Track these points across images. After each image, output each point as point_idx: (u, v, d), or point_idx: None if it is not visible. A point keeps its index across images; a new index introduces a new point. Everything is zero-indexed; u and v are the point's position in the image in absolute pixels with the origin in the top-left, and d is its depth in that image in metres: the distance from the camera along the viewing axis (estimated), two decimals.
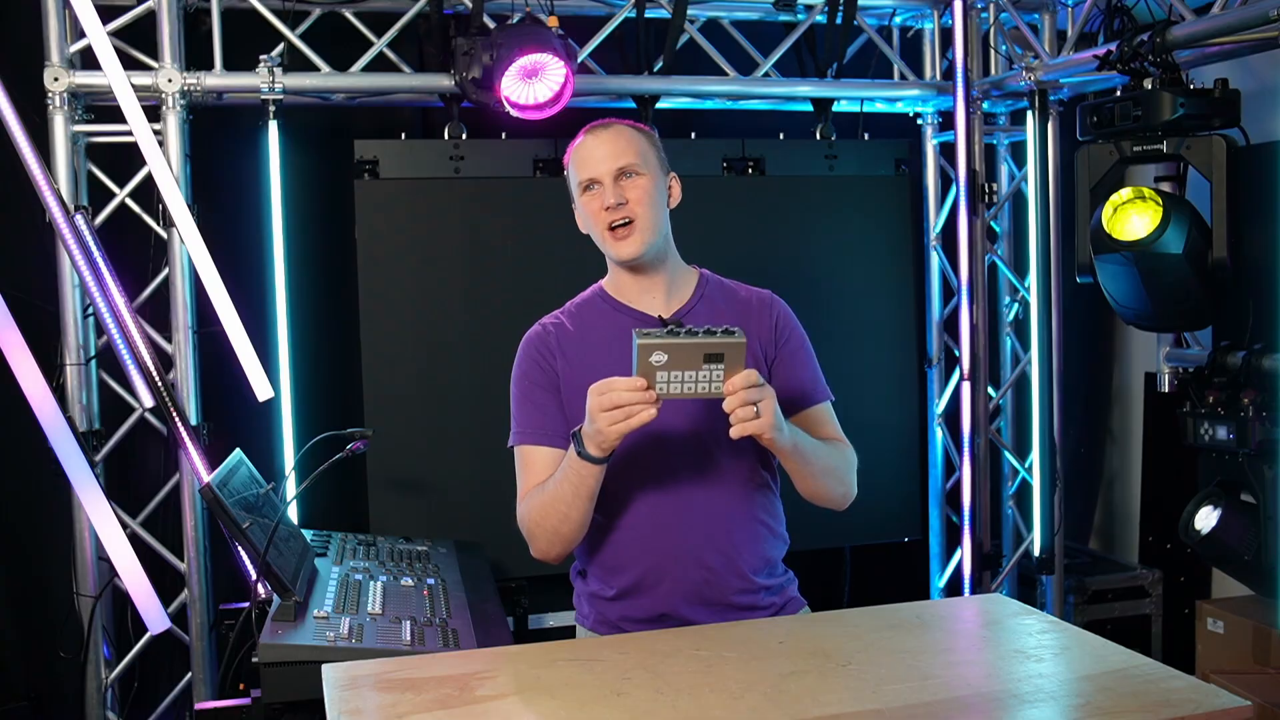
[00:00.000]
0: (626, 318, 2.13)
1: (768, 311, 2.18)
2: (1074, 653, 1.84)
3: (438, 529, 3.43)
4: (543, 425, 2.10)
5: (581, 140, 2.12)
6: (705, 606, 2.09)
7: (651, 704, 1.65)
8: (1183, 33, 3.13)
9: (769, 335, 2.16)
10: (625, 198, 2.05)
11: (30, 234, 3.46)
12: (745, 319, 2.14)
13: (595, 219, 2.08)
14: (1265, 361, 3.28)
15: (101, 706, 3.47)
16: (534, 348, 2.14)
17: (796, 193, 4.03)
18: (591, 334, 2.13)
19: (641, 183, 2.06)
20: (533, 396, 2.12)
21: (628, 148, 2.07)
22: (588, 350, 2.11)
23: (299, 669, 2.19)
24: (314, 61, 3.61)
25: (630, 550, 2.09)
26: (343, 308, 3.77)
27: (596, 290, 2.21)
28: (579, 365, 2.09)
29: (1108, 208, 3.14)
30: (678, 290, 2.16)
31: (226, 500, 2.44)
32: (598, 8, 3.89)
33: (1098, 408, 4.81)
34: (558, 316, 2.19)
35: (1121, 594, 4.25)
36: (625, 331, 2.04)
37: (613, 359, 2.05)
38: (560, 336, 2.14)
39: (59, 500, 3.40)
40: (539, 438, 2.10)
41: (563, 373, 2.10)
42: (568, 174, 2.15)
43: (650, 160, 2.10)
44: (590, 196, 2.08)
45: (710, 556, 2.08)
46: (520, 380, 2.14)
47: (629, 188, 2.06)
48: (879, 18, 4.23)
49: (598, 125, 2.12)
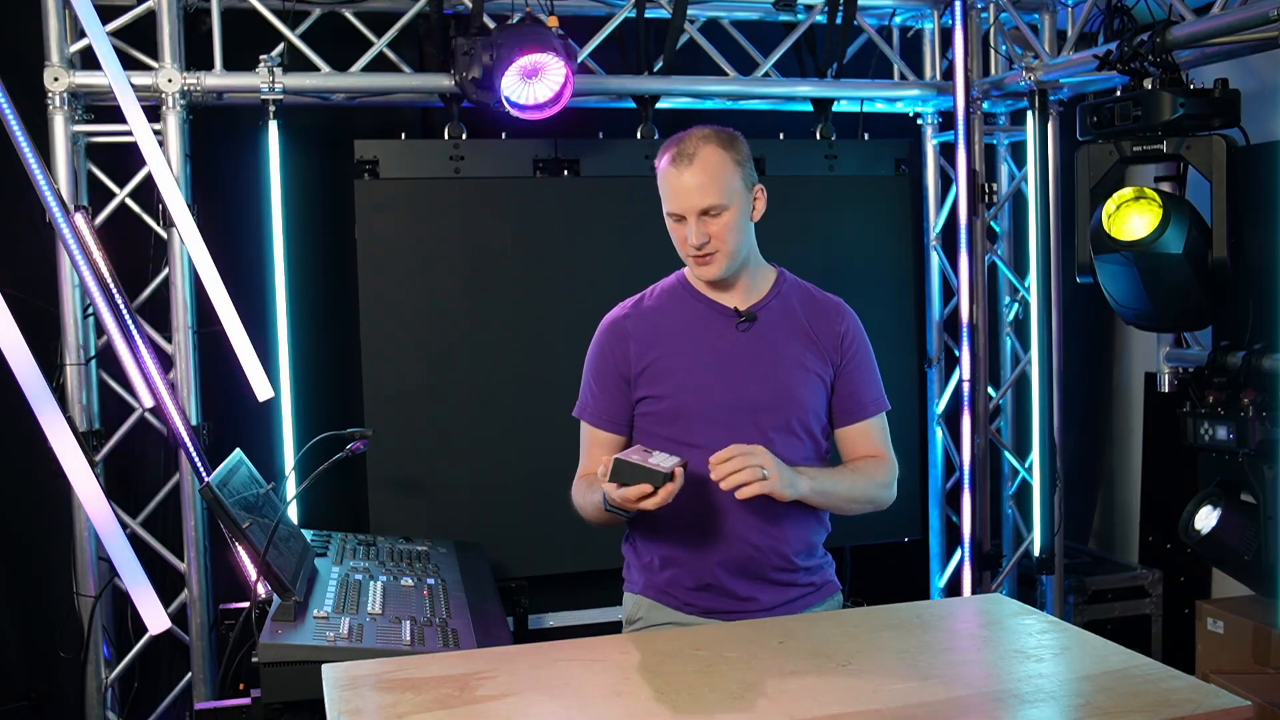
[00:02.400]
0: (703, 306, 2.24)
1: (838, 318, 2.28)
2: (1074, 653, 1.84)
3: (438, 529, 3.43)
4: (606, 410, 2.25)
5: (668, 169, 2.14)
6: (748, 579, 2.20)
7: (651, 704, 1.65)
8: (1183, 33, 3.13)
9: (835, 343, 2.26)
10: (708, 234, 2.13)
11: (30, 234, 3.46)
12: (815, 320, 2.26)
13: (680, 246, 2.18)
14: (1265, 361, 3.28)
15: (101, 706, 3.47)
16: (609, 331, 2.27)
17: (796, 193, 4.03)
18: (670, 317, 2.24)
19: (725, 218, 2.13)
20: (602, 380, 2.26)
21: (711, 185, 2.10)
22: (664, 333, 2.23)
23: (299, 669, 2.19)
24: (314, 61, 3.61)
25: (681, 530, 2.19)
26: (343, 308, 3.77)
27: (678, 277, 2.30)
28: (652, 346, 2.22)
29: (1108, 208, 3.14)
30: (756, 287, 2.26)
31: (226, 500, 2.44)
32: (598, 8, 3.88)
33: (1098, 408, 4.81)
34: (637, 300, 2.30)
35: (1121, 594, 4.25)
36: (700, 318, 2.22)
37: (684, 346, 2.20)
38: (636, 320, 2.26)
39: (59, 500, 3.40)
40: (600, 421, 2.26)
41: (635, 355, 2.22)
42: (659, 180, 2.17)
43: (734, 188, 2.13)
44: (676, 226, 2.17)
45: (756, 536, 2.18)
46: (593, 360, 2.29)
47: (712, 224, 2.13)
48: (879, 18, 4.23)
49: (683, 154, 2.11)
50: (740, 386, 2.17)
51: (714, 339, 2.20)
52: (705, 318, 2.22)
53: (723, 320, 2.21)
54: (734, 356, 2.19)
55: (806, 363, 2.22)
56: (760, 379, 2.18)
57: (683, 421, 2.17)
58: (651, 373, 2.20)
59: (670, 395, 2.19)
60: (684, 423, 2.17)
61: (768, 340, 2.21)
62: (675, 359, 2.19)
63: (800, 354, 2.22)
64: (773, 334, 2.22)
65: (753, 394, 2.17)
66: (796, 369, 2.21)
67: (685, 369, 2.19)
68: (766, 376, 2.19)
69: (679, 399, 2.18)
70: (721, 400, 2.17)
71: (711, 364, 2.18)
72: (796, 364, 2.21)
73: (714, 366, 2.18)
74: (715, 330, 2.21)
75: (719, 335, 2.20)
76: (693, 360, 2.19)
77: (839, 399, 2.26)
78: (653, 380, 2.20)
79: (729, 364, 2.18)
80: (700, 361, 2.19)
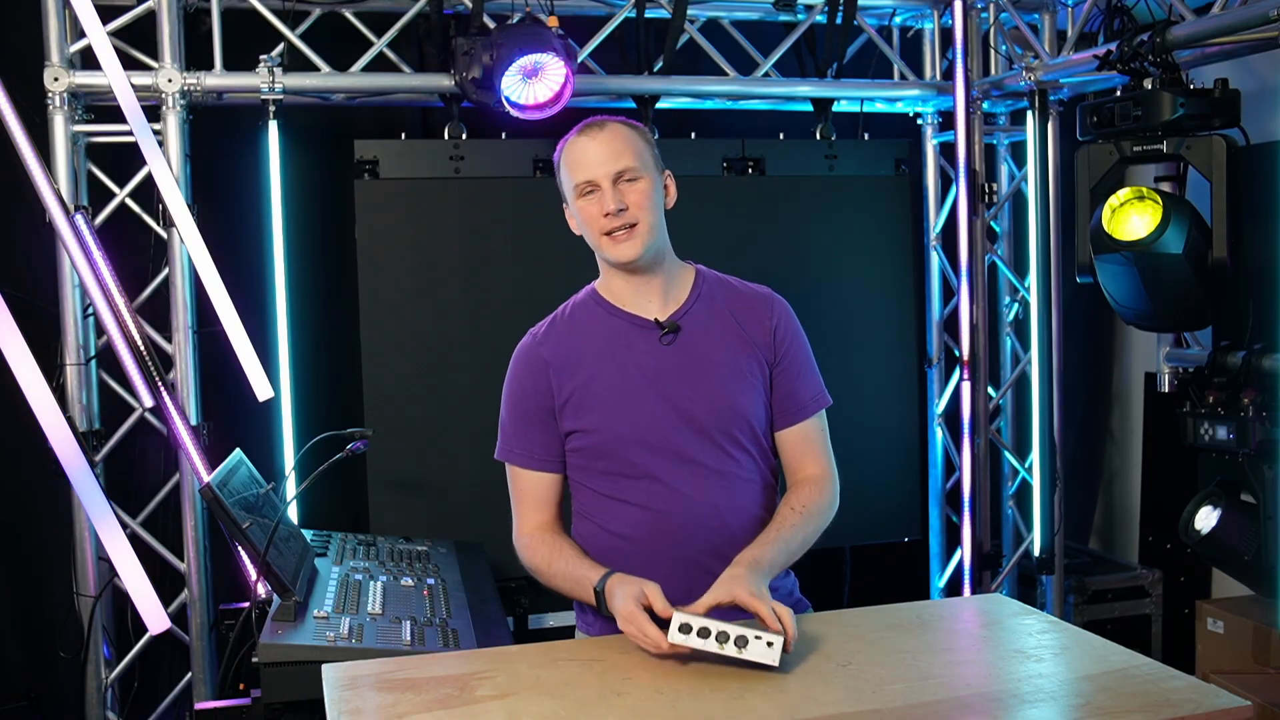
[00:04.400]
0: (622, 322, 2.09)
1: (767, 311, 2.13)
2: (1074, 653, 1.84)
3: (438, 529, 3.43)
4: (531, 448, 2.10)
5: (575, 140, 2.05)
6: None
7: (651, 704, 1.65)
8: (1183, 33, 3.13)
9: (768, 339, 2.12)
10: (625, 203, 2.00)
11: (30, 234, 3.46)
12: (744, 317, 2.12)
13: (592, 223, 2.03)
14: (1265, 361, 3.28)
15: (101, 706, 3.47)
16: (524, 363, 2.11)
17: (796, 193, 4.03)
18: (585, 339, 2.09)
19: (641, 186, 2.01)
20: (523, 415, 2.10)
21: (625, 149, 2.01)
22: (582, 358, 2.07)
23: (299, 669, 2.19)
24: (314, 61, 3.61)
25: (631, 559, 2.03)
26: (343, 308, 3.77)
27: (589, 293, 2.16)
28: (573, 374, 2.06)
29: (1108, 208, 3.14)
30: (674, 291, 2.11)
31: (226, 500, 2.44)
32: (598, 8, 3.89)
33: (1098, 408, 4.81)
34: (550, 323, 2.15)
35: (1121, 594, 4.25)
36: (620, 337, 2.06)
37: (608, 369, 2.04)
38: (553, 347, 2.10)
39: (59, 500, 3.40)
40: (527, 460, 2.11)
41: (556, 386, 2.07)
42: (559, 173, 2.09)
43: (647, 161, 2.04)
44: (588, 201, 2.02)
45: (714, 562, 2.01)
46: (511, 395, 2.13)
47: (628, 191, 2.01)
48: (879, 18, 4.23)
49: (592, 124, 2.04)
50: (674, 407, 2.03)
51: (638, 358, 2.05)
52: (625, 335, 2.06)
53: (644, 335, 2.06)
54: (663, 373, 2.04)
55: (742, 367, 2.08)
56: (695, 393, 2.04)
57: (619, 451, 2.04)
58: (576, 403, 2.04)
59: (601, 427, 2.04)
60: (621, 452, 2.04)
61: (697, 350, 2.06)
62: (599, 385, 2.02)
63: (734, 359, 2.08)
64: (701, 342, 2.07)
65: (689, 411, 2.03)
66: (732, 377, 2.07)
67: (613, 395, 2.03)
68: (701, 389, 2.04)
69: (611, 429, 2.03)
70: (657, 426, 2.02)
71: (640, 387, 2.03)
72: (732, 371, 2.07)
73: (643, 390, 2.03)
74: (638, 348, 2.05)
75: (643, 353, 2.05)
76: (620, 384, 2.03)
77: (776, 399, 2.11)
78: (579, 412, 2.04)
79: (659, 384, 2.03)
80: (627, 387, 2.03)
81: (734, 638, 1.70)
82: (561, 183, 2.09)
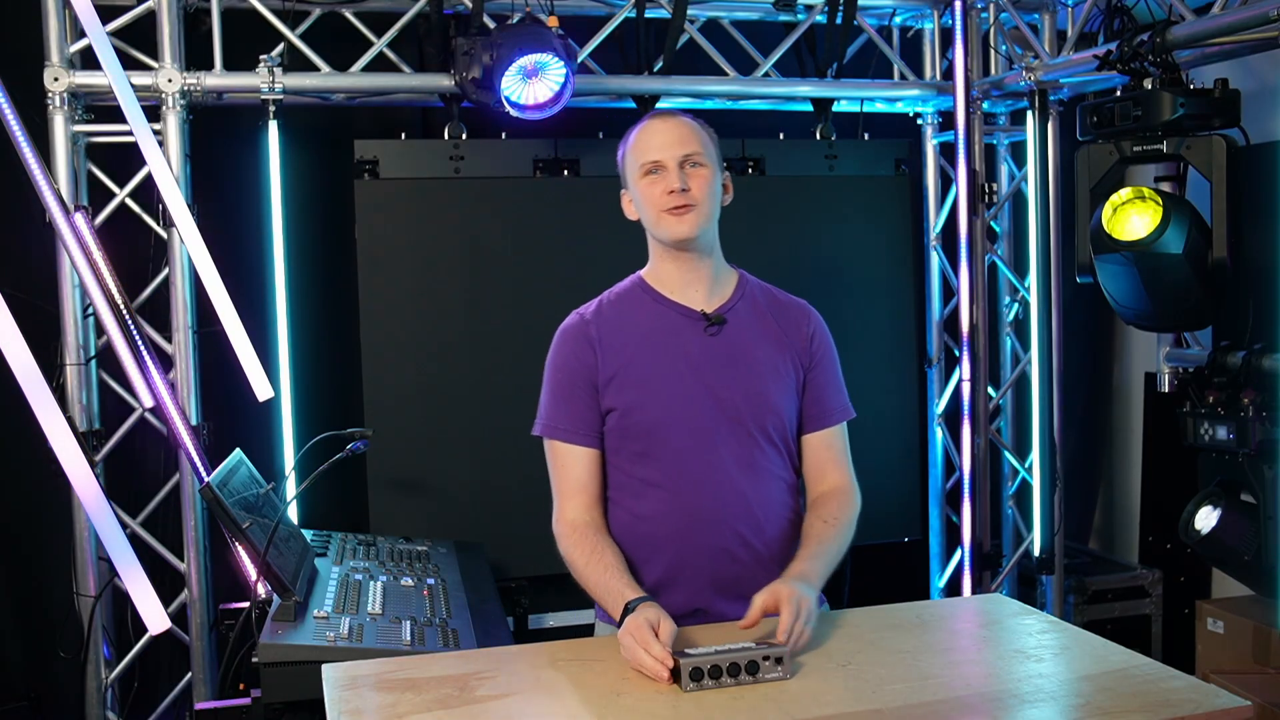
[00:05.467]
0: (668, 310, 2.14)
1: (805, 320, 2.22)
2: (1074, 653, 1.84)
3: (438, 529, 3.43)
4: (574, 423, 2.12)
5: (647, 125, 2.13)
6: (739, 599, 2.07)
7: (651, 704, 1.65)
8: (1183, 33, 3.13)
9: (804, 345, 2.19)
10: (689, 184, 2.07)
11: (30, 234, 3.46)
12: (783, 322, 2.20)
13: (653, 202, 2.09)
14: (1265, 361, 3.28)
15: (101, 706, 3.47)
16: (571, 338, 2.15)
17: (796, 193, 4.03)
18: (634, 323, 2.14)
19: (704, 173, 2.09)
20: (566, 391, 2.13)
21: (693, 137, 2.10)
22: (627, 339, 2.13)
23: (299, 669, 2.19)
24: (314, 61, 3.61)
25: (662, 543, 2.10)
26: (343, 308, 3.77)
27: (636, 281, 2.21)
28: (618, 353, 2.12)
29: (1108, 208, 3.14)
30: (720, 287, 2.17)
31: (226, 500, 2.44)
32: (598, 8, 3.88)
33: (1098, 408, 4.81)
34: (597, 305, 2.20)
35: (1121, 594, 4.25)
36: (666, 323, 2.12)
37: (652, 353, 2.10)
38: (599, 326, 2.15)
39: (59, 500, 3.40)
40: (569, 435, 2.12)
41: (601, 362, 2.11)
42: (622, 160, 2.16)
43: (712, 154, 2.12)
44: (652, 180, 2.09)
45: (740, 550, 2.10)
46: (555, 371, 2.16)
47: (693, 175, 2.08)
48: (879, 18, 4.23)
49: (663, 111, 2.15)
50: (713, 395, 2.09)
51: (682, 345, 2.12)
52: (672, 323, 2.13)
53: (690, 325, 2.13)
54: (705, 362, 2.11)
55: (779, 366, 2.15)
56: (733, 384, 2.11)
57: (654, 432, 2.09)
58: (620, 382, 2.10)
59: (641, 406, 2.09)
60: (655, 433, 2.09)
61: (738, 344, 2.13)
62: (644, 367, 2.09)
63: (771, 357, 2.15)
64: (742, 337, 2.14)
65: (727, 400, 2.10)
66: (769, 373, 2.14)
67: (655, 377, 2.10)
68: (740, 382, 2.11)
69: (651, 410, 2.09)
70: (694, 412, 2.09)
71: (681, 373, 2.10)
72: (769, 368, 2.14)
73: (684, 375, 2.10)
74: (683, 336, 2.12)
75: (687, 341, 2.12)
76: (663, 368, 2.10)
77: (806, 403, 2.19)
78: (621, 390, 2.09)
79: (699, 371, 2.10)
80: (669, 371, 2.10)
81: (744, 666, 1.72)
82: (624, 169, 2.17)
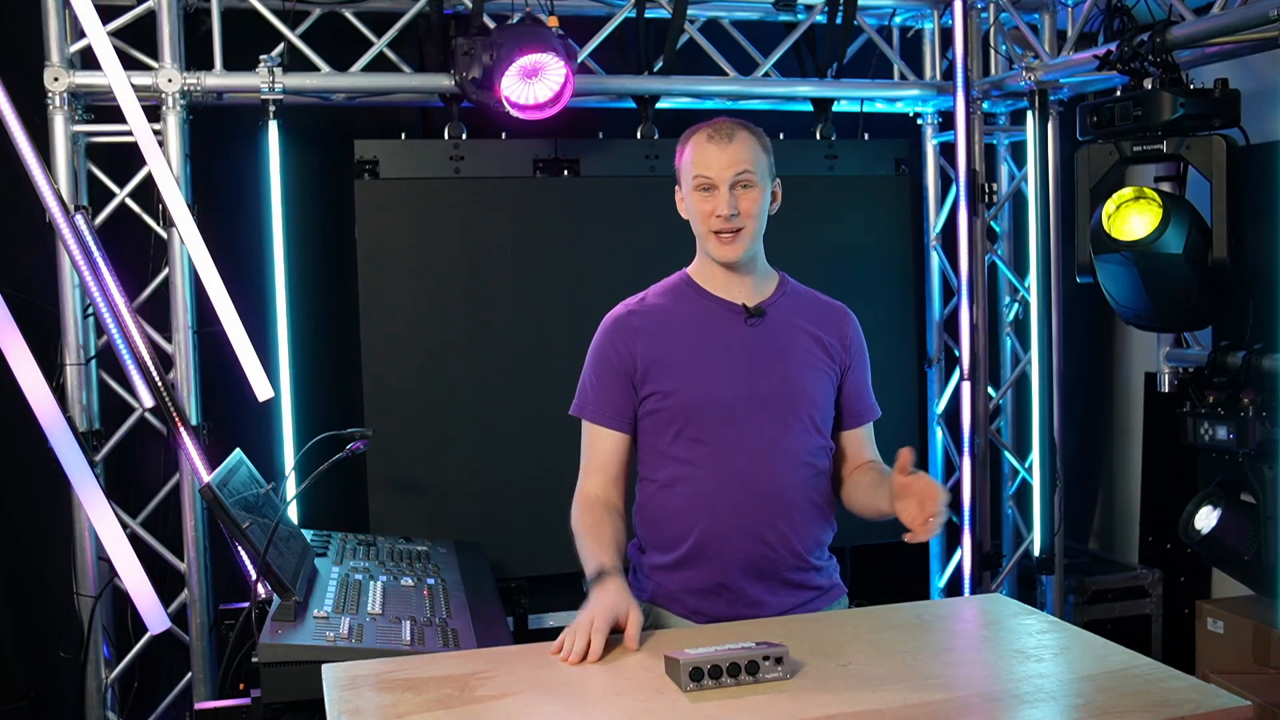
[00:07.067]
0: (712, 303, 2.22)
1: (844, 322, 2.30)
2: (1074, 653, 1.84)
3: (438, 529, 3.43)
4: (603, 406, 2.21)
5: (707, 136, 2.16)
6: (761, 580, 2.17)
7: (651, 704, 1.65)
8: (1183, 33, 3.13)
9: (842, 345, 2.27)
10: (738, 208, 2.13)
11: (30, 234, 3.46)
12: (823, 321, 2.26)
13: (703, 219, 2.16)
14: (1265, 361, 3.28)
15: (101, 706, 3.47)
16: (613, 328, 2.24)
17: (796, 193, 3.99)
18: (677, 314, 2.22)
19: (754, 194, 2.15)
20: (603, 374, 2.22)
21: (746, 157, 2.14)
22: (669, 328, 2.20)
23: (299, 669, 2.19)
24: (314, 61, 3.61)
25: (691, 519, 2.16)
26: (343, 308, 3.77)
27: (682, 276, 2.28)
28: (659, 342, 2.19)
29: (1108, 208, 3.14)
30: (762, 287, 2.25)
31: (226, 500, 2.44)
32: (598, 8, 3.88)
33: (1098, 408, 4.81)
34: (642, 297, 2.28)
35: (1121, 594, 4.25)
36: (710, 314, 2.20)
37: (693, 340, 2.19)
38: (642, 316, 2.23)
39: (59, 500, 3.40)
40: (603, 418, 2.21)
41: (641, 352, 2.19)
42: (679, 157, 2.20)
43: (763, 170, 2.17)
44: (703, 196, 2.15)
45: (768, 532, 2.15)
46: (593, 356, 2.25)
47: (742, 198, 2.14)
48: (879, 18, 4.23)
49: (722, 127, 2.16)
50: (750, 381, 2.16)
51: (723, 335, 2.19)
52: (713, 314, 2.20)
53: (731, 316, 2.20)
54: (743, 352, 2.18)
55: (816, 361, 2.22)
56: (770, 373, 2.18)
57: (691, 415, 2.16)
58: (659, 369, 2.18)
59: (678, 391, 2.17)
60: (693, 419, 2.16)
61: (777, 336, 2.21)
62: (683, 355, 2.18)
63: (809, 351, 2.22)
64: (782, 331, 2.22)
65: (763, 388, 2.16)
66: (805, 364, 2.21)
67: (694, 365, 2.17)
68: (776, 370, 2.18)
69: (687, 395, 2.16)
70: (732, 396, 2.15)
71: (721, 359, 2.17)
72: (805, 359, 2.21)
73: (723, 362, 2.17)
74: (724, 326, 2.20)
75: (728, 332, 2.19)
76: (701, 356, 2.17)
77: (842, 402, 2.27)
78: (660, 376, 2.17)
79: (738, 359, 2.17)
80: (709, 357, 2.18)
81: (744, 666, 1.73)
82: (680, 167, 2.22)
